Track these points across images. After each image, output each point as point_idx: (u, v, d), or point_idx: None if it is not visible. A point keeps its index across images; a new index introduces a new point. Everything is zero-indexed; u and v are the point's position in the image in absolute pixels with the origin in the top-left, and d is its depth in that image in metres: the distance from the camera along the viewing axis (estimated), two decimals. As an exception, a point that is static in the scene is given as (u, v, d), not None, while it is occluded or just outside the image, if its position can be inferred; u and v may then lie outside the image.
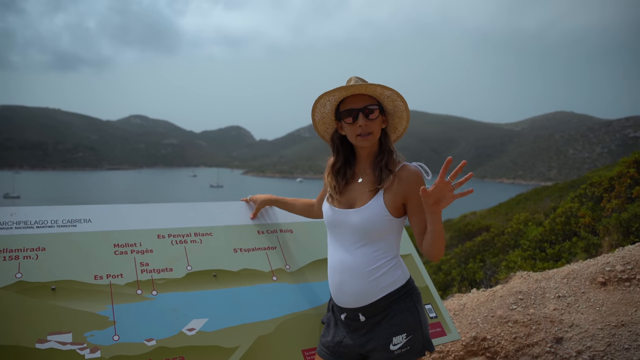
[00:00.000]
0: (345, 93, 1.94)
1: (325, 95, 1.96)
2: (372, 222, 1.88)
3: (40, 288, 1.99)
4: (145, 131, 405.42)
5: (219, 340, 2.11)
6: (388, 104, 1.98)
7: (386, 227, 1.90)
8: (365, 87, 1.90)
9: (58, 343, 1.87)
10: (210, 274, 2.31)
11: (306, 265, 2.56)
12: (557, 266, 5.14)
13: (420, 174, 1.91)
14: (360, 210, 1.91)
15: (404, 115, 2.01)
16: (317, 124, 2.12)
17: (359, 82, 1.93)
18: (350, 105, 1.93)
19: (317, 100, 2.00)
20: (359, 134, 1.92)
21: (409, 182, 1.88)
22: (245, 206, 2.71)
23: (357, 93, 1.93)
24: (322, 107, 2.04)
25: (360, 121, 1.91)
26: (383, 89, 1.90)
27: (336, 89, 1.92)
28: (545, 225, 7.11)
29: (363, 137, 1.92)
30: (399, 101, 1.95)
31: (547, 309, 3.50)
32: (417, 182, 1.88)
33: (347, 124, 1.95)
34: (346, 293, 1.95)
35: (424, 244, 1.85)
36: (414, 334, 1.89)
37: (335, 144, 2.09)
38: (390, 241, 1.93)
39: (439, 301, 2.72)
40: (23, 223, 2.17)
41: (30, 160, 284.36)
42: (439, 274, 8.52)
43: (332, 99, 1.98)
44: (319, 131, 2.15)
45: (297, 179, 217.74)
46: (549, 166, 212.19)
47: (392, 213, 1.88)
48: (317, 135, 2.17)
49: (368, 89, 1.91)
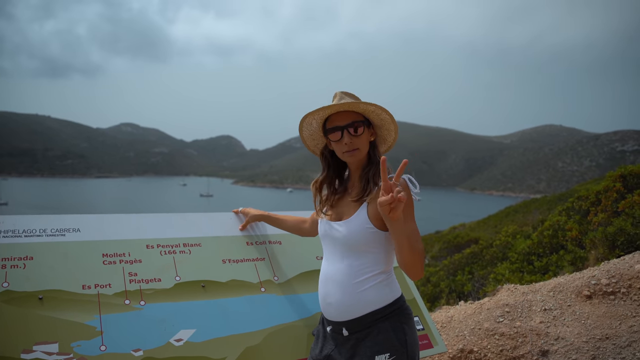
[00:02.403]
0: (329, 111, 1.95)
1: (310, 115, 1.98)
2: (356, 234, 1.87)
3: (27, 297, 1.98)
4: (135, 139, 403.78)
5: (206, 351, 2.10)
6: (374, 118, 1.98)
7: (371, 240, 1.86)
8: (348, 105, 1.91)
9: (44, 353, 1.86)
10: (199, 285, 2.31)
11: (294, 276, 2.57)
12: (545, 279, 5.19)
13: (406, 185, 1.85)
14: (345, 223, 1.91)
15: (391, 127, 2.01)
16: (306, 140, 2.14)
17: (344, 99, 1.95)
18: (336, 122, 1.94)
19: (303, 120, 2.02)
20: (345, 151, 1.94)
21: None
22: (234, 217, 2.72)
23: (340, 110, 1.95)
24: (308, 125, 2.06)
25: (346, 139, 1.92)
26: (366, 105, 1.90)
27: (319, 108, 1.93)
28: (533, 238, 7.17)
29: (350, 153, 1.93)
30: (384, 114, 1.95)
31: (533, 321, 3.53)
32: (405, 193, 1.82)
33: (334, 142, 1.97)
34: (330, 304, 1.94)
35: (397, 260, 1.80)
36: (398, 355, 1.83)
37: (326, 159, 2.10)
38: (377, 255, 1.89)
39: (426, 313, 2.73)
40: (11, 232, 2.17)
41: (18, 167, 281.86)
42: (427, 286, 8.54)
43: (318, 118, 2.00)
44: (309, 147, 2.17)
45: (287, 189, 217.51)
46: (538, 179, 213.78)
47: (377, 226, 1.85)
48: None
49: (351, 107, 1.91)
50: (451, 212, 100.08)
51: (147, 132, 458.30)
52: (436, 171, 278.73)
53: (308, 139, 2.14)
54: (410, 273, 1.77)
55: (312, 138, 2.13)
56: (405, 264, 1.75)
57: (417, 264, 1.74)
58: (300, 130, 2.10)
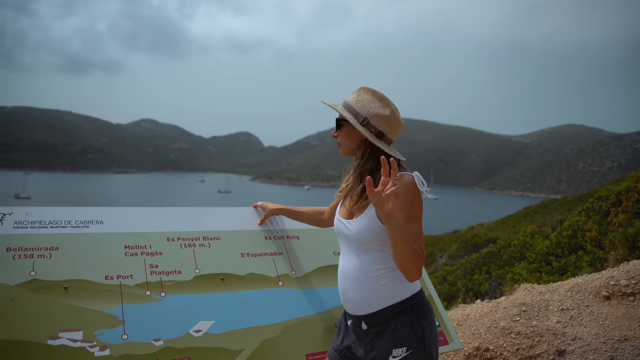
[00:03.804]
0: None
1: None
2: (365, 233, 1.89)
3: (53, 286, 2.05)
4: (154, 135, 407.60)
5: (224, 342, 2.15)
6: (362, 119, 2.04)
7: (381, 237, 1.88)
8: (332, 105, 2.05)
9: (69, 340, 1.92)
10: (218, 278, 2.36)
11: (312, 271, 2.60)
12: (563, 279, 5.15)
13: (414, 183, 1.85)
14: (355, 221, 1.94)
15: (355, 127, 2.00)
16: None
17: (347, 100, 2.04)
18: None
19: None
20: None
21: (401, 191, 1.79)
22: (253, 212, 2.77)
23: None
24: None
25: (334, 132, 2.07)
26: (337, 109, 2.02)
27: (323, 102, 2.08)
28: (552, 238, 7.11)
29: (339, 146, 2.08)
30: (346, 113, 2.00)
31: (550, 321, 3.51)
32: (408, 192, 1.82)
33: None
34: (349, 300, 1.98)
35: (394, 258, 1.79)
36: (415, 350, 1.84)
37: None
38: (387, 252, 1.90)
39: (442, 310, 2.75)
40: (38, 223, 2.24)
41: (40, 162, 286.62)
42: (444, 285, 8.53)
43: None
44: None
45: (304, 186, 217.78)
46: (558, 179, 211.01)
47: None
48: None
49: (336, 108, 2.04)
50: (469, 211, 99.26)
51: (166, 128, 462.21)
52: (455, 170, 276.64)
53: None
54: (406, 274, 1.77)
55: None
56: (400, 263, 1.75)
57: (413, 265, 1.73)
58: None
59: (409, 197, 1.81)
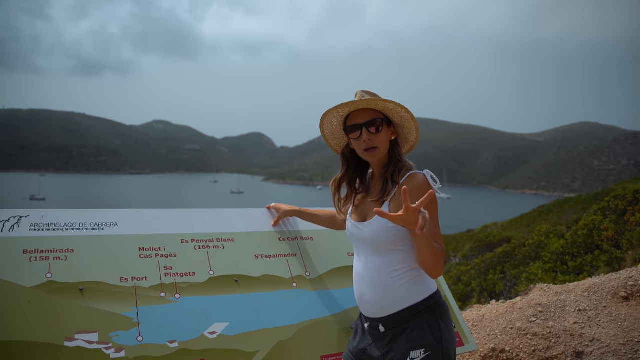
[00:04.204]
0: (349, 109, 1.96)
1: (329, 112, 1.99)
2: (380, 235, 1.88)
3: (69, 288, 2.06)
4: (167, 136, 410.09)
5: (239, 344, 2.15)
6: (393, 116, 1.97)
7: (396, 238, 1.87)
8: (367, 102, 1.90)
9: (85, 342, 1.93)
10: (232, 279, 2.35)
11: (326, 272, 2.59)
12: (579, 279, 5.09)
13: (427, 182, 1.84)
14: (369, 224, 1.92)
15: (412, 125, 1.99)
16: (328, 138, 2.15)
17: (364, 97, 1.95)
18: (355, 120, 1.95)
19: (323, 118, 2.04)
20: (365, 149, 1.94)
21: (413, 191, 1.80)
22: (267, 213, 2.76)
23: (360, 108, 1.95)
24: (329, 123, 2.07)
25: (364, 136, 1.92)
26: (385, 102, 1.90)
27: (338, 105, 1.94)
28: (567, 237, 7.03)
29: (369, 151, 1.93)
30: (404, 112, 1.93)
31: (567, 322, 3.47)
32: (421, 191, 1.78)
33: (354, 140, 1.98)
34: (366, 302, 1.97)
35: (416, 259, 1.81)
36: (433, 351, 1.83)
37: (346, 157, 2.11)
38: (405, 252, 1.89)
39: (457, 311, 2.72)
40: (53, 225, 2.25)
41: (55, 163, 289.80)
42: (458, 285, 8.47)
43: (338, 115, 2.01)
44: (331, 145, 2.18)
45: (317, 186, 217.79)
46: (572, 177, 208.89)
47: None
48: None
49: (369, 104, 1.91)
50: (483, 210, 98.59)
51: (178, 129, 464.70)
52: (467, 169, 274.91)
53: (330, 137, 2.15)
54: (429, 272, 1.79)
55: (334, 137, 2.15)
56: (424, 264, 1.76)
57: (436, 264, 1.75)
58: (322, 128, 2.11)
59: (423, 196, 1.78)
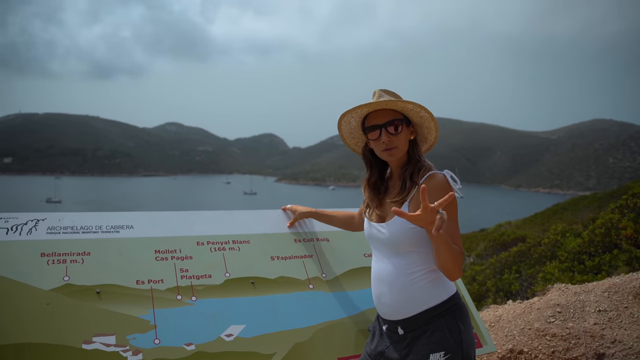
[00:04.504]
0: (367, 109, 1.94)
1: (348, 113, 1.98)
2: (399, 236, 1.86)
3: (86, 291, 2.06)
4: (180, 138, 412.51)
5: (256, 346, 2.14)
6: (413, 116, 1.95)
7: (415, 240, 1.85)
8: (386, 103, 1.89)
9: (102, 344, 1.93)
10: (248, 281, 2.35)
11: (342, 274, 2.58)
12: (597, 279, 5.01)
13: (446, 182, 1.82)
14: (388, 225, 1.90)
15: (431, 125, 1.97)
16: (346, 138, 2.14)
17: (383, 96, 1.93)
18: (374, 121, 1.93)
19: (341, 118, 2.02)
20: (384, 149, 1.92)
21: (433, 191, 1.78)
22: (282, 214, 2.75)
23: (378, 109, 1.93)
24: (347, 123, 2.06)
25: (384, 137, 1.90)
26: (404, 103, 1.88)
27: (357, 106, 1.93)
28: (584, 236, 6.93)
29: (388, 151, 1.92)
30: (423, 112, 1.91)
31: (587, 323, 3.41)
32: (441, 191, 1.78)
33: (372, 140, 1.96)
34: (384, 304, 1.95)
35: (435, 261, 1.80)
36: (453, 354, 1.81)
37: (367, 158, 2.10)
38: (424, 254, 1.87)
39: (474, 312, 2.69)
40: (70, 228, 2.26)
41: (70, 166, 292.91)
42: (473, 285, 8.40)
43: (356, 116, 1.99)
44: (349, 145, 2.17)
45: (329, 186, 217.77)
46: (587, 175, 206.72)
47: None
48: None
49: (389, 105, 1.89)
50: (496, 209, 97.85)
51: (191, 131, 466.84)
52: (480, 168, 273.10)
53: (348, 137, 2.14)
54: (448, 274, 1.77)
55: (352, 136, 2.13)
56: (442, 266, 1.75)
57: (455, 266, 1.73)
58: (339, 128, 2.09)
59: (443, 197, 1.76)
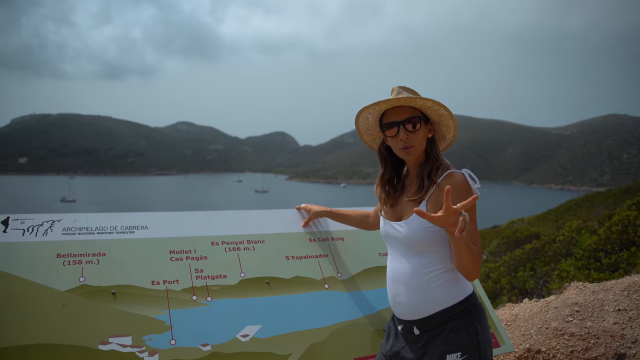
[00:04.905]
0: (385, 106, 1.91)
1: (366, 109, 1.95)
2: (416, 235, 1.83)
3: (102, 292, 2.06)
4: (191, 137, 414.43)
5: (272, 346, 2.13)
6: (432, 114, 1.92)
7: (432, 239, 1.83)
8: (405, 100, 1.85)
9: (119, 345, 1.93)
10: (263, 281, 2.33)
11: (358, 273, 2.56)
12: (614, 277, 4.94)
13: (466, 181, 1.80)
14: (405, 224, 1.88)
15: (450, 123, 1.94)
16: (363, 134, 2.11)
17: (401, 93, 1.90)
18: (392, 117, 1.90)
19: (359, 114, 2.00)
20: (402, 147, 1.89)
21: (452, 190, 1.71)
22: (296, 214, 2.74)
23: (397, 105, 1.90)
24: (364, 119, 2.03)
25: (402, 135, 1.87)
26: (423, 100, 1.85)
27: (375, 103, 1.90)
28: (600, 233, 6.84)
29: (406, 150, 1.89)
30: (442, 110, 1.88)
31: (606, 322, 3.36)
32: (460, 191, 1.77)
33: (390, 137, 1.93)
34: (400, 304, 1.93)
35: (453, 262, 1.78)
36: (470, 354, 1.79)
37: (383, 155, 2.06)
38: (441, 253, 1.85)
39: (491, 311, 2.66)
40: (85, 229, 2.26)
41: (83, 166, 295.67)
42: (487, 282, 8.34)
43: (374, 112, 1.97)
44: (366, 142, 2.13)
45: (341, 184, 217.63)
46: (601, 171, 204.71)
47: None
48: (361, 141, 2.16)
49: (408, 102, 1.86)
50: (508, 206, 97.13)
51: (202, 130, 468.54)
52: (492, 165, 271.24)
53: (365, 134, 2.11)
54: (466, 275, 1.75)
55: (369, 133, 2.10)
56: (462, 266, 1.73)
57: (474, 266, 1.71)
58: (357, 124, 2.07)
59: (463, 197, 1.73)
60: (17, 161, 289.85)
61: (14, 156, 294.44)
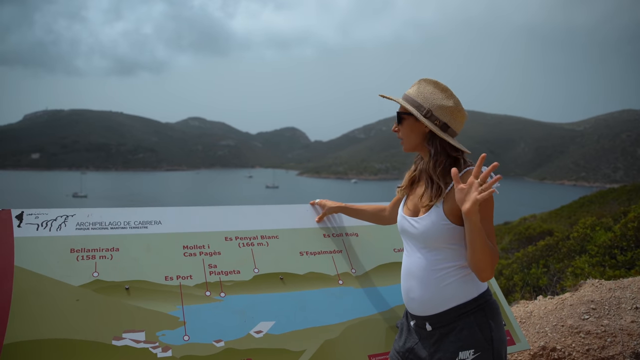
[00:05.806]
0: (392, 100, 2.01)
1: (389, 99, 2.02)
2: (432, 231, 1.82)
3: (115, 287, 2.06)
4: (202, 133, 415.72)
5: (285, 343, 2.11)
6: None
7: (448, 235, 1.82)
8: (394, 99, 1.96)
9: (132, 341, 1.93)
10: (277, 277, 2.32)
11: (372, 269, 2.53)
12: (631, 274, 4.87)
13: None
14: (421, 219, 1.87)
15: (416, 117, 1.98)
16: None
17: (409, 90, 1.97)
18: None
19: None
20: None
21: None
22: (310, 209, 2.72)
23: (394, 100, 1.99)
24: None
25: (394, 127, 1.98)
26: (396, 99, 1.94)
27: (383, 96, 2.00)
28: (616, 230, 6.76)
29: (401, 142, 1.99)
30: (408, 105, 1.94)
31: (623, 320, 3.31)
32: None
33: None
34: (413, 300, 1.92)
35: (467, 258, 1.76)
36: (483, 352, 1.77)
37: None
38: (456, 250, 1.84)
39: (506, 308, 2.63)
40: (98, 224, 2.26)
41: (95, 161, 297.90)
42: (500, 279, 8.28)
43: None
44: None
45: (351, 180, 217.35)
46: (614, 167, 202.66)
47: (454, 221, 1.80)
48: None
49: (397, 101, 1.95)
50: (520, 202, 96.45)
51: (213, 125, 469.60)
52: (504, 160, 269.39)
53: None
54: (479, 274, 1.73)
55: None
56: (476, 264, 1.70)
57: (488, 264, 1.69)
58: None
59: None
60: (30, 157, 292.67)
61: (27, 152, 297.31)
